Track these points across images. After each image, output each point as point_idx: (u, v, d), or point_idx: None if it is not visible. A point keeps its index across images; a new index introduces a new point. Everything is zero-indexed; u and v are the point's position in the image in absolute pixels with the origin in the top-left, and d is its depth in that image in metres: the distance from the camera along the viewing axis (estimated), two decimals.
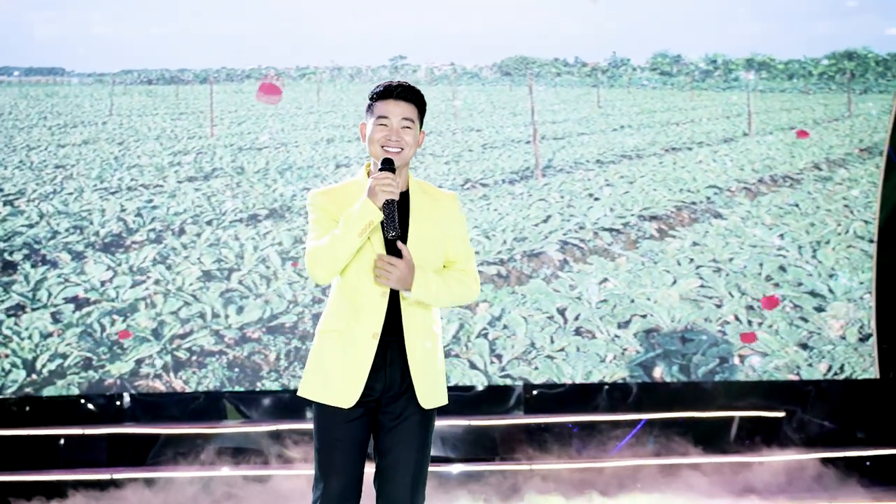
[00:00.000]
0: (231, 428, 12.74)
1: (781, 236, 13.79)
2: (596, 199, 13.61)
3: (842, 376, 13.78)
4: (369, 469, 5.89)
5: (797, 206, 13.89)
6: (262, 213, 13.27)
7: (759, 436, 13.56)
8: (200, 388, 12.82)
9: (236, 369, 12.84)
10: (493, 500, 11.45)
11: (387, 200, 5.54)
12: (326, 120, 13.69)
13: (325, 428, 5.86)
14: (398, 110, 5.72)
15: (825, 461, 12.85)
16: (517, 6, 13.56)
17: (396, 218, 5.61)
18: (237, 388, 12.94)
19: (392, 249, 5.72)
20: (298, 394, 5.89)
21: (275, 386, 12.93)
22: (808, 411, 13.89)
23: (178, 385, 12.72)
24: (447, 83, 13.87)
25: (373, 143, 5.75)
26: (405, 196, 5.81)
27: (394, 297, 5.76)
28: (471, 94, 13.74)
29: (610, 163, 13.96)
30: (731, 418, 13.54)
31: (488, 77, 13.83)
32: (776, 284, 13.69)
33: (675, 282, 13.51)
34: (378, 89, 5.82)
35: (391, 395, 5.79)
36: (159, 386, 12.70)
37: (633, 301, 13.36)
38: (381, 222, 5.61)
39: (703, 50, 14.28)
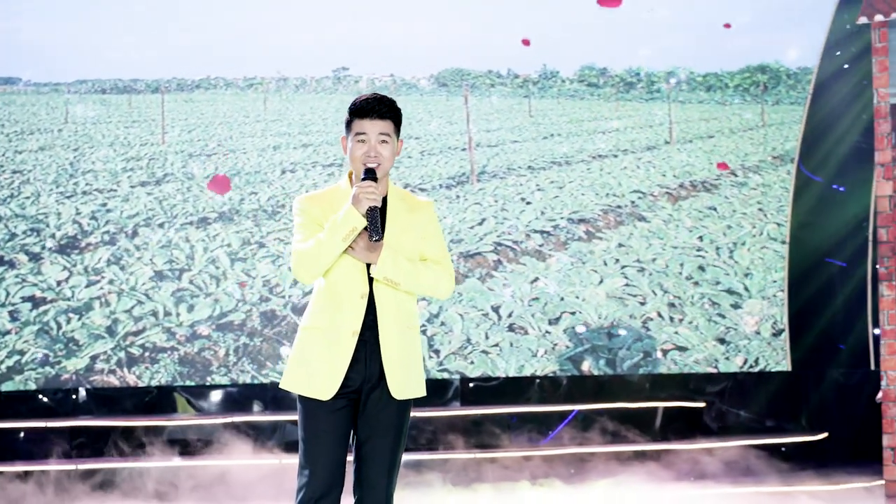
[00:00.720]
0: (183, 420, 12.88)
1: (700, 238, 14.21)
2: (528, 203, 13.94)
3: (756, 369, 14.20)
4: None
5: (715, 209, 14.33)
6: (211, 216, 13.49)
7: (681, 425, 13.90)
8: (153, 383, 13.01)
9: (187, 365, 13.07)
10: (445, 485, 11.74)
11: (370, 207, 5.74)
12: (272, 128, 13.96)
13: (309, 419, 6.00)
14: (375, 128, 5.87)
15: (745, 448, 13.12)
16: (453, 22, 13.84)
17: (378, 223, 5.79)
18: (188, 383, 13.14)
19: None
20: (281, 386, 6.08)
21: (224, 380, 13.14)
22: (725, 402, 14.25)
23: (132, 380, 12.93)
24: (387, 93, 14.03)
25: (354, 160, 5.93)
26: (384, 202, 5.98)
27: (373, 297, 5.91)
28: (409, 104, 13.93)
29: (541, 169, 14.29)
30: (656, 409, 13.81)
31: (426, 88, 14.19)
32: (696, 283, 14.11)
33: (601, 281, 13.87)
34: (354, 107, 5.98)
35: (369, 387, 5.93)
36: (113, 381, 12.89)
37: (562, 299, 13.69)
38: (364, 227, 5.81)
39: (628, 63, 14.64)
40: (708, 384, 14.30)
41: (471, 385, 13.75)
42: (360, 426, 5.94)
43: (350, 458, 5.97)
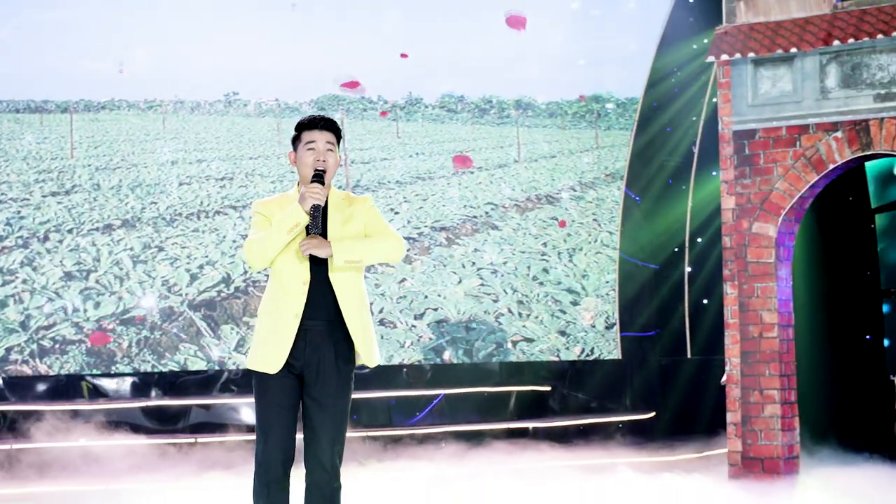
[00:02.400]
0: (90, 405, 13.15)
1: (545, 244, 14.91)
2: (396, 213, 14.50)
3: (592, 357, 15.01)
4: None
5: (557, 219, 15.01)
6: (115, 223, 13.78)
7: (531, 406, 14.72)
8: (63, 372, 13.27)
9: (94, 356, 13.37)
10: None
11: (313, 205, 6.11)
12: (170, 145, 14.19)
13: (261, 392, 6.30)
14: (323, 137, 6.28)
15: (585, 425, 14.11)
16: (331, 54, 14.28)
17: (319, 220, 6.14)
18: (94, 371, 13.43)
19: None
20: (245, 366, 6.55)
21: (127, 369, 13.43)
22: (566, 386, 15.07)
23: (43, 369, 13.19)
24: (273, 116, 14.58)
25: (304, 166, 6.28)
26: (326, 203, 6.27)
27: (318, 282, 6.22)
28: (292, 125, 13.75)
29: (407, 183, 14.83)
30: (511, 392, 14.60)
31: (306, 111, 14.40)
32: (540, 283, 14.80)
33: (460, 281, 14.53)
34: (304, 121, 6.40)
35: (314, 366, 6.23)
36: (27, 370, 13.15)
37: (426, 297, 14.35)
38: (307, 225, 6.14)
39: (482, 92, 15.25)
40: (552, 371, 15.04)
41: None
42: (306, 401, 6.29)
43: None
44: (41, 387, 13.50)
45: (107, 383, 13.74)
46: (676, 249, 15.74)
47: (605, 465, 11.93)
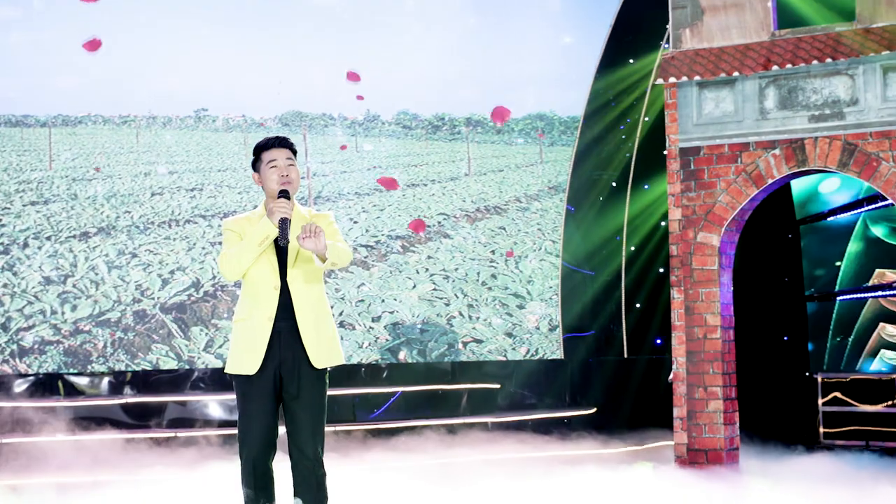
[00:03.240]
0: (72, 402, 13.13)
1: (493, 252, 14.96)
2: (355, 222, 14.53)
3: (537, 357, 15.07)
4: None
5: (504, 228, 15.08)
6: (91, 230, 13.75)
7: (481, 403, 14.73)
8: (41, 371, 13.25)
9: (71, 355, 13.36)
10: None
11: (281, 218, 6.19)
12: (143, 158, 14.15)
13: (240, 393, 6.38)
14: (283, 154, 6.38)
15: (531, 421, 14.14)
16: (295, 73, 14.34)
17: (288, 231, 6.21)
18: (71, 370, 13.41)
19: (282, 253, 6.34)
20: (225, 371, 6.46)
21: (102, 368, 13.39)
22: (513, 384, 15.09)
23: (23, 368, 13.16)
24: (240, 131, 14.58)
25: (270, 182, 6.38)
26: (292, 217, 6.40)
27: (286, 288, 6.31)
28: (258, 140, 14.17)
29: (365, 194, 14.81)
30: (463, 390, 14.64)
31: (272, 126, 14.48)
32: (489, 288, 14.85)
33: (414, 286, 14.57)
34: (262, 143, 6.50)
35: (289, 364, 6.29)
36: (7, 369, 13.13)
37: (383, 301, 14.37)
38: (276, 238, 6.23)
39: (435, 110, 15.24)
40: (500, 370, 15.06)
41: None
42: (286, 398, 6.35)
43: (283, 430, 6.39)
44: (20, 384, 13.43)
45: (83, 381, 13.69)
46: (614, 257, 15.85)
47: (556, 458, 12.03)
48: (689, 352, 10.90)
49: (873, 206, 14.29)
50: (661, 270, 15.58)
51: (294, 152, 6.50)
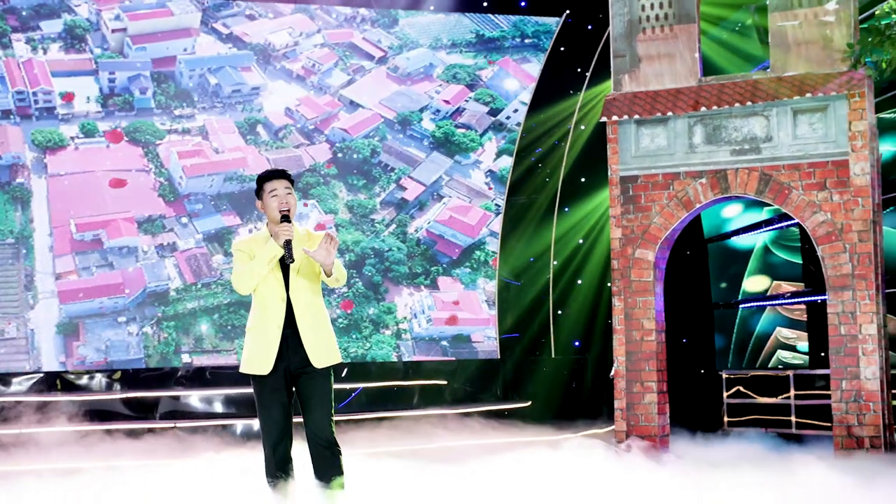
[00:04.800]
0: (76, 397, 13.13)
1: None
2: None
3: (477, 357, 15.24)
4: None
5: None
6: None
7: (431, 397, 14.96)
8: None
9: None
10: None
11: (286, 240, 6.40)
12: None
13: (258, 391, 6.58)
14: (281, 184, 6.58)
15: (475, 413, 14.13)
16: None
17: (292, 250, 6.40)
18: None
19: (285, 269, 6.51)
20: (240, 371, 6.64)
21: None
22: (458, 381, 15.33)
23: None
24: None
25: (271, 209, 6.56)
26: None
27: (289, 302, 6.49)
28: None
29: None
30: (415, 386, 14.86)
31: None
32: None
33: None
34: (263, 175, 6.71)
35: (297, 364, 6.48)
36: None
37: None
38: (282, 257, 6.43)
39: None
40: (445, 368, 15.27)
41: None
42: (299, 393, 6.57)
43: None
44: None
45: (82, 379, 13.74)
46: (544, 271, 16.05)
47: (506, 444, 12.00)
48: (628, 352, 11.00)
49: (770, 227, 14.66)
50: (580, 282, 15.98)
51: (291, 182, 6.71)
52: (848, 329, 10.24)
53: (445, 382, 15.18)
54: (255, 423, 12.65)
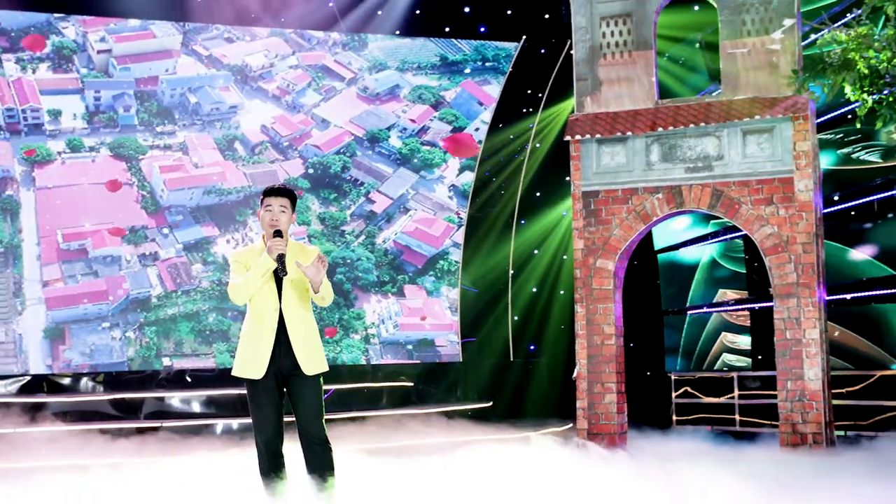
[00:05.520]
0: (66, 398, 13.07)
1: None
2: None
3: (442, 360, 15.27)
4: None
5: None
6: None
7: (398, 398, 15.03)
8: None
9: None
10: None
11: (279, 254, 6.44)
12: None
13: (252, 392, 6.56)
14: (277, 202, 6.62)
15: (438, 413, 14.13)
16: None
17: (285, 263, 6.42)
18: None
19: (278, 281, 6.51)
20: (232, 374, 6.62)
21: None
22: (423, 383, 15.39)
23: None
24: None
25: (264, 222, 6.60)
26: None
27: (280, 312, 6.49)
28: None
29: None
30: (383, 388, 14.92)
31: None
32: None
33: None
34: (266, 189, 6.73)
35: (288, 369, 6.48)
36: None
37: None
38: (275, 269, 6.44)
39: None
40: (412, 371, 15.34)
41: None
42: (291, 394, 6.57)
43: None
44: None
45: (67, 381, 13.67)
46: (502, 279, 16.20)
47: (469, 441, 11.92)
48: (589, 355, 11.11)
49: (715, 239, 14.90)
50: (535, 290, 16.12)
51: (293, 199, 6.75)
52: (793, 334, 10.41)
53: (412, 384, 15.26)
54: (235, 423, 13.07)
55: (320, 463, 6.62)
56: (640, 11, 11.33)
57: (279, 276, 6.54)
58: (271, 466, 6.64)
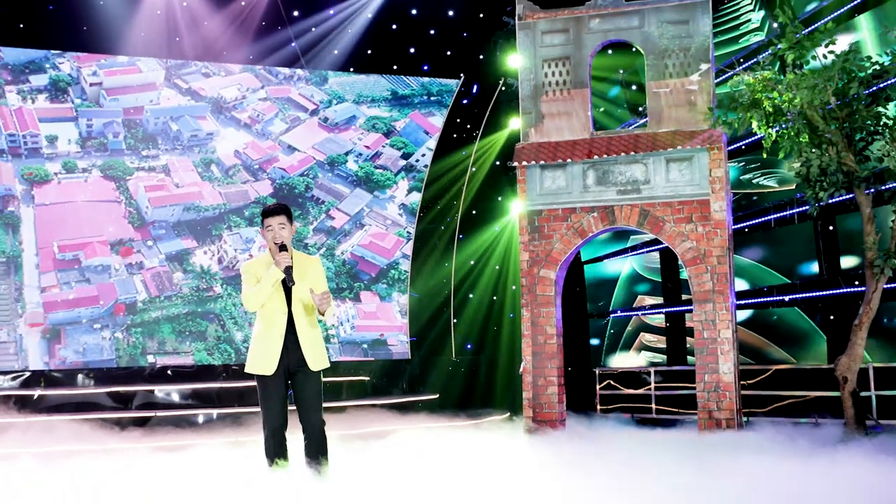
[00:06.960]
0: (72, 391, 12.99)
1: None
2: None
3: (394, 358, 15.37)
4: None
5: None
6: None
7: (356, 391, 14.95)
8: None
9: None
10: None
11: (286, 266, 6.42)
12: None
13: (261, 387, 6.54)
14: (275, 220, 6.57)
15: (392, 404, 14.12)
16: None
17: (292, 275, 6.40)
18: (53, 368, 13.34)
19: (287, 289, 6.48)
20: (245, 370, 6.60)
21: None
22: (376, 377, 15.48)
23: None
24: None
25: (269, 242, 6.56)
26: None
27: (290, 316, 6.48)
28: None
29: None
30: (342, 382, 14.90)
31: None
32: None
33: None
34: (264, 210, 6.67)
35: (294, 365, 6.50)
36: None
37: None
38: (283, 280, 6.42)
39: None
40: (366, 367, 15.36)
41: (234, 368, 14.23)
42: (296, 388, 6.60)
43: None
44: None
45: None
46: (446, 286, 16.33)
47: (424, 428, 12.04)
48: (534, 353, 11.26)
49: (634, 252, 15.23)
50: (472, 296, 16.28)
51: (288, 213, 6.70)
52: (709, 334, 10.69)
53: (367, 378, 15.26)
54: (216, 413, 13.15)
55: (319, 448, 6.67)
56: (577, 55, 11.54)
57: (287, 285, 6.55)
58: (276, 452, 6.65)
